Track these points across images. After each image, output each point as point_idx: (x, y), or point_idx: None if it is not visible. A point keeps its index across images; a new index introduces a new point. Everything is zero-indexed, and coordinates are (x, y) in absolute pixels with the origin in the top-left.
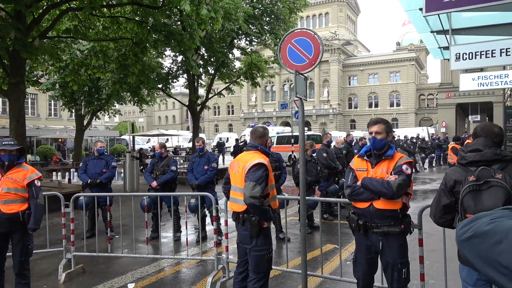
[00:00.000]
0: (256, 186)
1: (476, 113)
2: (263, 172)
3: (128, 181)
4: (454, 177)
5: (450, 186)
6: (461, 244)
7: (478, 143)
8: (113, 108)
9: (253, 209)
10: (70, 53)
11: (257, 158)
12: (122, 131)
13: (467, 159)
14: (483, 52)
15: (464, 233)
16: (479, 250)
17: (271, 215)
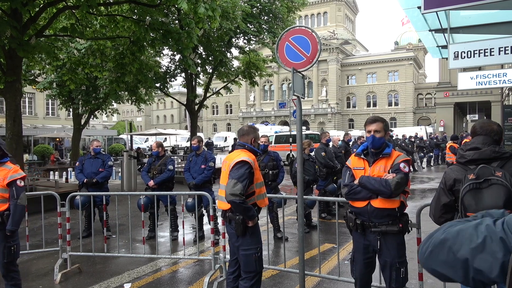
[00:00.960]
0: (237, 183)
1: (474, 112)
2: (246, 170)
3: (125, 180)
4: (453, 176)
5: (449, 185)
6: (426, 261)
7: (477, 141)
8: (110, 107)
9: (234, 207)
10: (67, 52)
11: (241, 156)
12: (120, 130)
13: (466, 157)
14: (482, 51)
15: (425, 251)
16: (441, 258)
17: (253, 213)
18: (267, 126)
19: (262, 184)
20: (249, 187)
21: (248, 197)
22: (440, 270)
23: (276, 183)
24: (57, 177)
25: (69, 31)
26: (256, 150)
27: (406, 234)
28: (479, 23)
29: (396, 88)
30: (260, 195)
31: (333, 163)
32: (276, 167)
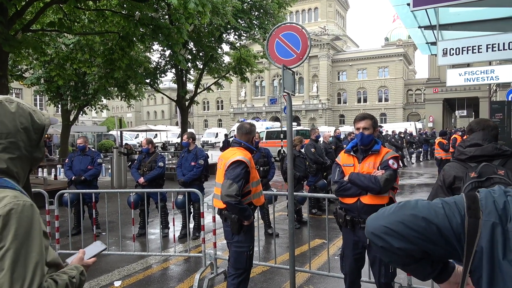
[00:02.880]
0: (232, 184)
1: (462, 108)
2: (241, 170)
3: (115, 177)
4: (453, 173)
5: (449, 183)
6: (382, 219)
7: (477, 137)
8: (100, 103)
9: (229, 207)
10: (55, 47)
11: (237, 155)
12: (109, 127)
13: (467, 154)
14: (470, 48)
15: (383, 214)
16: (401, 218)
17: (249, 213)
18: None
19: (258, 183)
20: (245, 186)
21: (244, 196)
22: (395, 228)
23: (267, 179)
24: (45, 174)
25: (56, 26)
26: (253, 148)
27: None
28: (467, 20)
29: (386, 84)
30: (256, 193)
31: (322, 159)
32: (267, 163)
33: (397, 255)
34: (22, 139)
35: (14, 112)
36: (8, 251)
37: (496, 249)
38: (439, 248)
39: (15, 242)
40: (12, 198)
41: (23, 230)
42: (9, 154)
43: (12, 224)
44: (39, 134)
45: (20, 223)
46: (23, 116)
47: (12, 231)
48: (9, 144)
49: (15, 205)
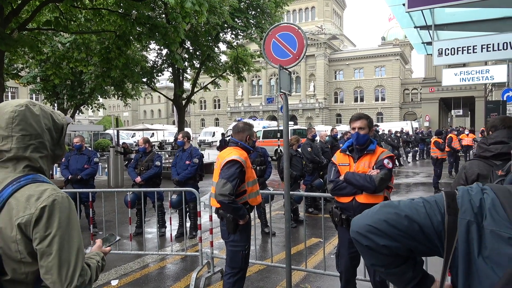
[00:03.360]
0: (226, 183)
1: (458, 107)
2: (236, 169)
3: (112, 176)
4: (477, 171)
5: (472, 180)
6: (366, 219)
7: (501, 135)
8: (96, 102)
9: (223, 206)
10: (51, 46)
11: (233, 155)
12: (106, 125)
13: (492, 151)
14: (465, 48)
15: (367, 214)
16: (384, 216)
17: (243, 212)
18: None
19: (254, 182)
20: (240, 186)
21: (240, 195)
22: (379, 226)
23: (263, 178)
24: None
25: (53, 25)
26: (249, 148)
27: None
28: (463, 20)
29: (383, 83)
30: (252, 193)
31: (319, 158)
32: (263, 162)
33: (382, 255)
34: (47, 139)
35: (39, 115)
36: (54, 237)
37: (471, 246)
38: (421, 245)
39: (60, 229)
40: (53, 190)
41: (65, 219)
42: (39, 153)
43: (56, 213)
44: (59, 133)
45: (62, 212)
46: (46, 117)
47: (56, 220)
48: (39, 144)
49: (57, 196)
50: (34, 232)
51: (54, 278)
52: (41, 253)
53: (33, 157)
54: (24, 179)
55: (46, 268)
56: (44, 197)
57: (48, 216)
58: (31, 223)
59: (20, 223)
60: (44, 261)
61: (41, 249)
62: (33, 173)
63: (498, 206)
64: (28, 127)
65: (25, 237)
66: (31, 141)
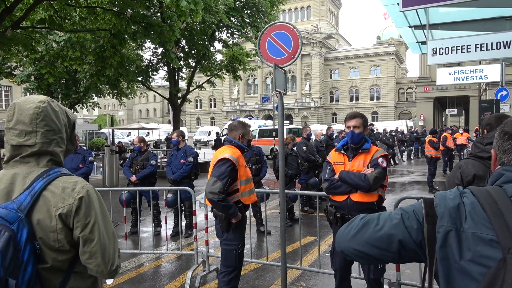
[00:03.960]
0: (216, 182)
1: (453, 106)
2: (227, 167)
3: (107, 176)
4: (473, 171)
5: (468, 181)
6: (349, 243)
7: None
8: (91, 101)
9: (213, 204)
10: (45, 44)
11: (225, 153)
12: (101, 125)
13: (489, 152)
14: (459, 47)
15: (348, 233)
16: (365, 238)
17: (233, 211)
18: (251, 120)
19: (248, 181)
20: (232, 184)
21: (232, 194)
22: (363, 249)
23: (259, 177)
24: None
25: (47, 23)
26: (243, 147)
27: None
28: (456, 20)
29: (378, 82)
30: (245, 192)
31: (314, 157)
32: (259, 161)
33: (371, 261)
34: (64, 134)
35: (58, 111)
36: (95, 224)
37: (450, 252)
38: (405, 256)
39: (97, 217)
40: (83, 182)
41: (99, 207)
42: (60, 148)
43: (92, 203)
44: (71, 129)
45: (96, 201)
46: (63, 113)
47: (93, 209)
48: (60, 139)
49: (88, 187)
50: (76, 221)
51: (99, 261)
52: (84, 240)
53: (56, 152)
54: (52, 172)
55: (90, 253)
56: (78, 188)
57: (87, 206)
58: (72, 213)
59: (61, 213)
60: (88, 247)
61: (84, 236)
62: (56, 167)
63: (478, 208)
64: (51, 123)
65: (65, 227)
66: (54, 136)
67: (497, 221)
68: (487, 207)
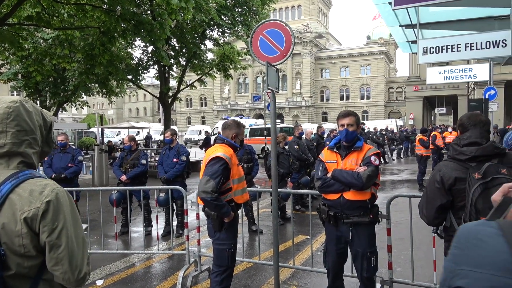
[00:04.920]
0: (209, 181)
1: (442, 105)
2: (220, 166)
3: (96, 175)
4: (454, 175)
5: (449, 185)
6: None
7: (474, 135)
8: (80, 99)
9: (205, 204)
10: (33, 42)
11: (218, 152)
12: (90, 124)
13: (467, 154)
14: (449, 46)
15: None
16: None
17: (226, 210)
18: (242, 119)
19: (240, 180)
20: (225, 183)
21: (224, 193)
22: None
23: (250, 176)
24: None
25: (34, 20)
26: (235, 145)
27: (376, 225)
28: (447, 19)
29: (368, 81)
30: (237, 191)
31: (306, 156)
32: (250, 160)
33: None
34: (38, 136)
35: (32, 111)
36: (62, 229)
37: None
38: None
39: (66, 222)
40: (53, 185)
41: (69, 211)
42: (32, 149)
43: (61, 207)
44: (47, 131)
45: (66, 205)
46: (37, 114)
47: (62, 213)
48: (32, 140)
49: (58, 190)
50: (42, 225)
51: (65, 268)
52: (51, 245)
53: (27, 153)
54: (21, 174)
55: (57, 260)
56: (47, 191)
57: (55, 210)
58: (38, 216)
59: (26, 217)
60: (54, 253)
61: (51, 241)
62: (27, 169)
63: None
64: (23, 123)
65: (31, 231)
66: (25, 137)
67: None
68: None
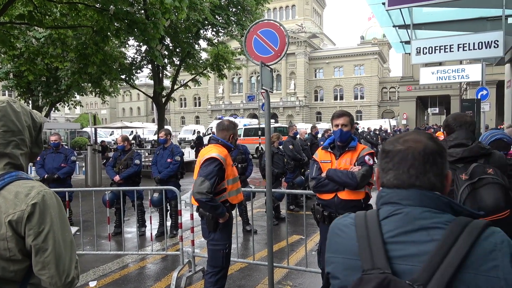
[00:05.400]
0: (204, 181)
1: (435, 105)
2: (214, 167)
3: (89, 176)
4: None
5: None
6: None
7: (460, 136)
8: (73, 99)
9: (200, 205)
10: (24, 41)
11: (212, 152)
12: (83, 123)
13: (454, 155)
14: (442, 47)
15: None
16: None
17: (221, 211)
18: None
19: (235, 180)
20: (219, 184)
21: (219, 193)
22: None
23: (244, 176)
24: None
25: (26, 19)
26: (230, 146)
27: None
28: (440, 20)
29: (362, 81)
30: (232, 191)
31: (300, 156)
32: (244, 160)
33: None
34: (27, 136)
35: (20, 112)
36: (49, 233)
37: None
38: None
39: (53, 225)
40: (40, 187)
41: (56, 214)
42: (20, 150)
43: (48, 209)
44: (37, 131)
45: (53, 208)
46: (26, 115)
47: (49, 216)
48: (20, 141)
49: (45, 192)
50: (27, 228)
51: (52, 272)
52: (37, 249)
53: (14, 154)
54: (8, 176)
55: (43, 264)
56: (33, 193)
57: (40, 213)
58: (23, 219)
59: (11, 220)
60: (40, 256)
61: (37, 245)
62: (14, 171)
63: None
64: (9, 124)
65: (16, 234)
66: (12, 138)
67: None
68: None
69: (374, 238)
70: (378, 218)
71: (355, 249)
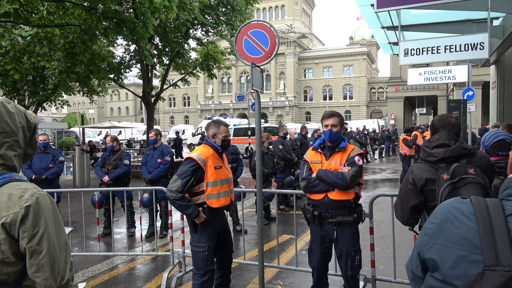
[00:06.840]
0: (177, 180)
1: (422, 106)
2: (190, 167)
3: (77, 176)
4: (425, 176)
5: (421, 186)
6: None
7: (443, 137)
8: (60, 98)
9: (170, 202)
10: (10, 39)
11: (193, 153)
12: (71, 123)
13: (436, 156)
14: (429, 48)
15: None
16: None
17: (191, 212)
18: (226, 118)
19: (216, 184)
20: (197, 185)
21: (197, 195)
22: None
23: (235, 176)
24: None
25: (12, 17)
26: (216, 146)
27: (360, 224)
28: (427, 22)
29: (350, 82)
30: (212, 194)
31: (290, 156)
32: (235, 160)
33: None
34: (21, 137)
35: (14, 113)
36: (43, 235)
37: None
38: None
39: (47, 227)
40: (34, 188)
41: (50, 216)
42: (13, 152)
43: (42, 211)
44: (31, 132)
45: (47, 210)
46: (20, 115)
47: (43, 218)
48: (14, 142)
49: (39, 194)
50: (21, 231)
51: (47, 274)
52: (31, 251)
53: (7, 156)
54: (1, 178)
55: (38, 266)
56: (27, 196)
57: (35, 215)
58: (17, 222)
59: (4, 223)
60: (35, 259)
61: (31, 247)
62: (7, 172)
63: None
64: (3, 125)
65: (9, 237)
66: (6, 139)
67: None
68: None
69: (499, 234)
70: (504, 213)
71: (473, 241)
